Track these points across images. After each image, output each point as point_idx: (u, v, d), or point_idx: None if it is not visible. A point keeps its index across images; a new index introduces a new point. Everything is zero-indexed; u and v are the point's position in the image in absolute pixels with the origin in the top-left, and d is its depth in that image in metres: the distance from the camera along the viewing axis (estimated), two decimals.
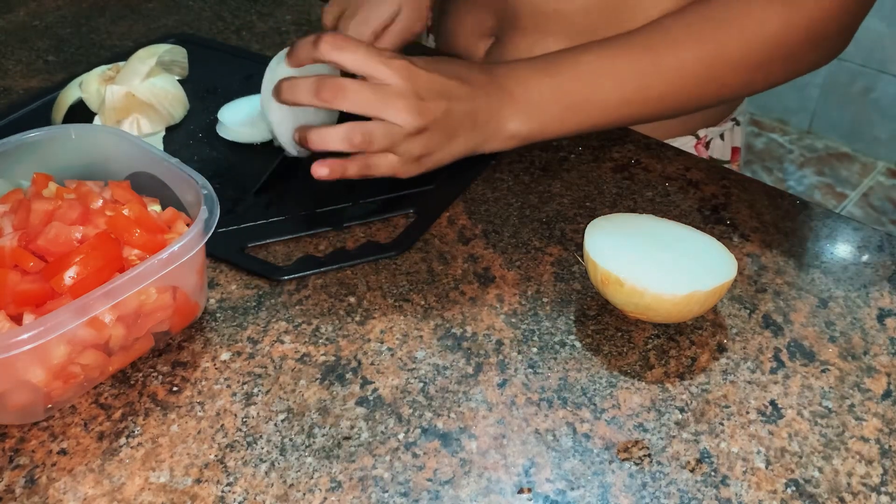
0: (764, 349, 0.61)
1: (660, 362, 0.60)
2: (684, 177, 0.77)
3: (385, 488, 0.52)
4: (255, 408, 0.57)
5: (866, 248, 0.70)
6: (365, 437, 0.55)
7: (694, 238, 0.65)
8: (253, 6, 1.06)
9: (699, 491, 0.52)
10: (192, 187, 0.60)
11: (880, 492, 0.53)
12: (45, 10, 1.05)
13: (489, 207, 0.74)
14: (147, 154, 0.64)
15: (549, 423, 0.56)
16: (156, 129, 0.82)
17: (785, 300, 0.65)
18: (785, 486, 0.53)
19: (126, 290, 0.53)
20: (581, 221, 0.72)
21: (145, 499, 0.51)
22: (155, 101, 0.82)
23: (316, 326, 0.62)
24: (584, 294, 0.65)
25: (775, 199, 0.75)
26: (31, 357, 0.51)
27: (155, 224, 0.59)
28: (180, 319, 0.60)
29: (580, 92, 0.72)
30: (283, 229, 0.71)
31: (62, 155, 0.65)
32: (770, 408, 0.57)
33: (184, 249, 0.55)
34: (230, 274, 0.67)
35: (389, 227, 0.71)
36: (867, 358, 0.61)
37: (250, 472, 0.53)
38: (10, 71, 0.93)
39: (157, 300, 0.56)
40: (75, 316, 0.51)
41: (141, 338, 0.58)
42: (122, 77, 0.83)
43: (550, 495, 0.52)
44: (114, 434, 0.55)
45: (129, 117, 0.81)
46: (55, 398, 0.55)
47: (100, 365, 0.56)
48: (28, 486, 0.52)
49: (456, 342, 0.61)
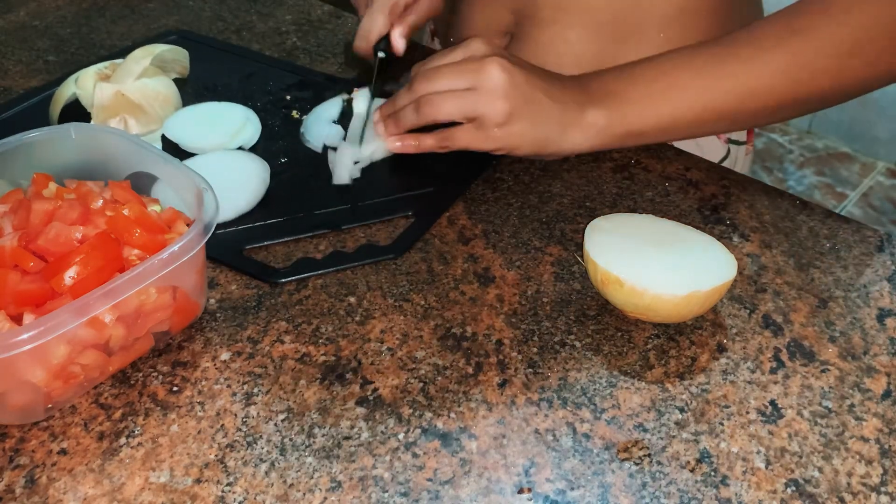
0: (764, 349, 0.61)
1: (660, 362, 0.60)
2: (684, 177, 0.77)
3: (385, 488, 0.52)
4: (256, 408, 0.57)
5: (866, 248, 0.70)
6: (365, 437, 0.55)
7: (694, 238, 0.65)
8: (253, 6, 1.06)
9: (699, 491, 0.52)
10: (192, 187, 0.60)
11: (880, 492, 0.53)
12: (45, 10, 1.05)
13: (489, 207, 0.74)
14: (147, 154, 0.64)
15: (549, 423, 0.56)
16: (144, 130, 0.81)
17: (785, 300, 0.65)
18: (785, 486, 0.53)
19: (126, 289, 0.53)
20: (581, 221, 0.72)
21: (145, 499, 0.51)
22: (145, 102, 0.81)
23: (316, 326, 0.62)
24: (584, 294, 0.65)
25: (775, 199, 0.75)
26: (31, 357, 0.52)
27: (155, 224, 0.59)
28: (180, 319, 0.60)
29: (659, 80, 0.70)
30: (282, 231, 0.71)
31: (62, 155, 0.65)
32: (770, 408, 0.57)
33: (184, 249, 0.55)
34: (230, 274, 0.67)
35: (389, 229, 0.71)
36: (867, 358, 0.61)
37: (250, 472, 0.53)
38: (10, 71, 0.93)
39: (157, 300, 0.56)
40: (75, 316, 0.51)
41: (141, 338, 0.58)
42: (116, 76, 0.83)
43: (550, 495, 0.52)
44: (114, 434, 0.55)
45: (117, 117, 0.80)
46: (55, 398, 0.55)
47: (100, 365, 0.56)
48: (28, 486, 0.52)
49: (456, 342, 0.61)
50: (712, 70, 0.69)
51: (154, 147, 0.64)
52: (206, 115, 0.82)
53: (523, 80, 0.69)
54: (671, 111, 0.70)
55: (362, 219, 0.72)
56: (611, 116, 0.70)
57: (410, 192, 0.74)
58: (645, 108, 0.70)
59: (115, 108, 0.80)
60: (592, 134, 0.70)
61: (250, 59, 0.93)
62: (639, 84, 0.70)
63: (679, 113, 0.70)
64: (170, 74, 0.88)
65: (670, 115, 0.70)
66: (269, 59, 0.94)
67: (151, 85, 0.82)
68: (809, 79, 0.68)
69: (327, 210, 0.73)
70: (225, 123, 0.80)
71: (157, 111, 0.82)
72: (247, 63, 0.92)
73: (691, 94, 0.70)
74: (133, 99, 0.80)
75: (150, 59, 0.84)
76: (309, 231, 0.71)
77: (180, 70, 0.90)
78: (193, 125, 0.81)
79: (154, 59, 0.85)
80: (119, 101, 0.80)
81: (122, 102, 0.80)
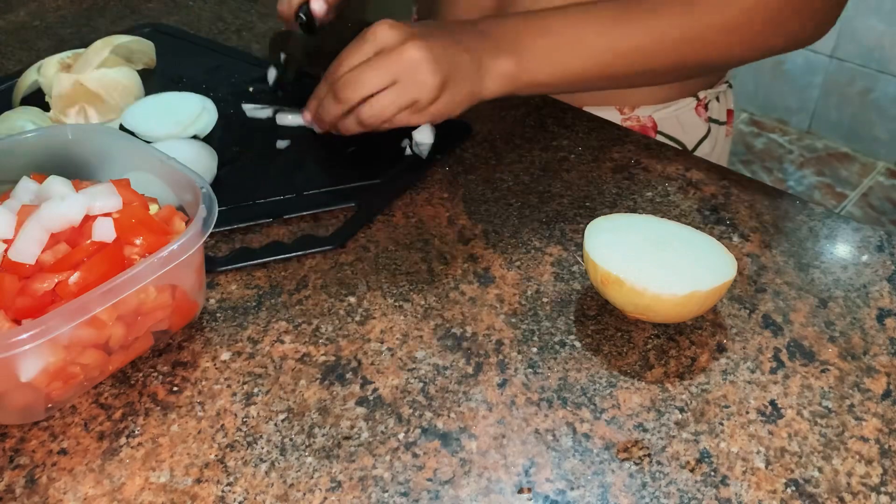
0: (764, 349, 0.61)
1: (659, 362, 0.60)
2: (684, 177, 0.77)
3: (385, 488, 0.52)
4: (256, 408, 0.57)
5: (866, 248, 0.70)
6: (365, 437, 0.55)
7: (694, 238, 0.65)
8: (253, 6, 1.06)
9: (699, 491, 0.52)
10: (190, 186, 0.60)
11: (880, 492, 0.53)
12: (45, 10, 1.05)
13: (489, 207, 0.74)
14: (144, 153, 0.64)
15: (549, 423, 0.56)
16: (103, 119, 0.81)
17: (785, 300, 0.65)
18: (785, 486, 0.53)
19: (125, 289, 0.53)
20: (581, 221, 0.72)
21: (145, 499, 0.51)
22: (104, 91, 0.81)
23: (316, 326, 0.63)
24: (584, 294, 0.65)
25: (775, 199, 0.75)
26: (31, 357, 0.51)
27: (157, 225, 0.59)
28: (180, 318, 0.60)
29: (564, 32, 0.74)
30: (224, 219, 0.70)
31: (59, 155, 0.65)
32: (770, 408, 0.57)
33: (182, 248, 0.55)
34: (230, 274, 0.67)
35: (330, 220, 0.71)
36: (867, 358, 0.61)
37: (250, 472, 0.53)
38: (11, 71, 0.93)
39: (156, 299, 0.56)
40: (74, 316, 0.51)
41: (140, 337, 0.58)
42: (77, 65, 0.83)
43: (550, 495, 0.52)
44: (114, 434, 0.55)
45: (76, 106, 0.80)
46: (55, 398, 0.55)
47: (100, 364, 0.56)
48: (28, 486, 0.52)
49: (456, 342, 0.61)
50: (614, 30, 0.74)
51: (152, 147, 0.64)
52: (164, 105, 0.82)
53: (441, 50, 0.70)
54: (578, 64, 0.74)
55: (305, 208, 0.72)
56: (521, 66, 0.73)
57: (356, 182, 0.75)
58: (552, 61, 0.74)
59: (74, 97, 0.80)
60: (503, 81, 0.73)
61: (219, 53, 0.94)
62: (546, 36, 0.74)
63: (584, 66, 0.75)
64: (136, 65, 0.89)
65: (577, 69, 0.75)
66: (237, 52, 0.95)
67: (111, 75, 0.82)
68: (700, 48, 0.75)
69: (272, 199, 0.73)
70: (181, 113, 0.81)
71: (116, 101, 0.82)
72: (215, 56, 0.94)
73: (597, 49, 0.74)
74: (92, 88, 0.81)
75: (110, 49, 0.84)
76: (252, 220, 0.71)
77: (147, 61, 0.91)
78: (151, 114, 0.81)
79: (118, 49, 0.85)
80: (78, 91, 0.80)
81: (80, 91, 0.80)
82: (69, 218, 0.56)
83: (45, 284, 0.54)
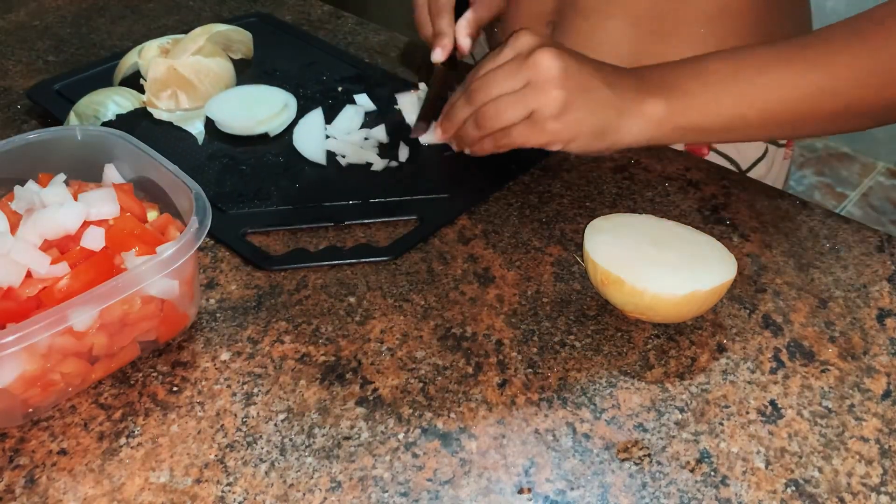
0: (764, 349, 0.61)
1: (659, 362, 0.60)
2: (684, 177, 0.77)
3: (385, 488, 0.52)
4: (255, 408, 0.57)
5: (866, 248, 0.70)
6: (365, 437, 0.55)
7: (694, 238, 0.65)
8: (253, 6, 1.06)
9: (699, 491, 0.52)
10: (186, 194, 0.60)
11: (880, 492, 0.53)
12: (45, 10, 1.05)
13: (489, 207, 0.74)
14: (148, 158, 0.64)
15: (549, 423, 0.56)
16: (193, 105, 0.83)
17: (785, 300, 0.65)
18: (785, 486, 0.53)
19: (106, 299, 0.52)
20: (581, 221, 0.72)
21: (145, 499, 0.51)
22: (195, 78, 0.83)
23: (316, 326, 0.62)
24: (584, 294, 0.65)
25: (775, 199, 0.75)
26: (7, 363, 0.51)
27: (151, 235, 0.58)
28: (167, 329, 0.60)
29: (722, 74, 0.67)
30: (286, 219, 0.71)
31: (67, 155, 0.65)
32: (770, 408, 0.57)
33: (169, 260, 0.54)
34: (230, 274, 0.67)
35: (389, 230, 0.71)
36: (867, 358, 0.61)
37: (250, 472, 0.53)
38: (11, 71, 0.93)
39: (142, 310, 0.56)
40: (53, 324, 0.50)
41: (126, 346, 0.57)
42: (174, 51, 0.85)
43: (550, 495, 0.52)
44: (114, 434, 0.55)
45: (168, 90, 0.83)
46: (34, 404, 0.54)
47: (81, 373, 0.55)
48: (28, 486, 0.52)
49: (456, 342, 0.61)
50: (779, 68, 0.66)
51: (155, 152, 0.64)
52: (247, 98, 0.83)
53: (577, 68, 0.67)
54: (734, 107, 0.67)
55: (367, 216, 0.72)
56: (671, 108, 0.67)
57: (422, 195, 0.74)
58: (707, 101, 0.67)
59: (168, 81, 0.83)
60: (651, 125, 0.67)
61: (317, 48, 0.95)
62: (700, 77, 0.68)
63: (741, 110, 0.67)
64: (234, 54, 0.91)
65: (732, 112, 0.67)
66: (335, 50, 0.95)
67: (205, 62, 0.85)
68: (879, 86, 0.64)
69: (335, 203, 0.73)
70: (260, 108, 0.82)
71: (207, 88, 0.84)
72: (312, 52, 0.94)
73: (756, 90, 0.66)
74: (185, 74, 0.83)
75: (207, 36, 0.86)
76: (311, 222, 0.71)
77: (245, 51, 0.92)
78: (232, 106, 0.82)
79: (216, 37, 0.87)
80: (171, 75, 0.83)
81: (173, 76, 0.83)
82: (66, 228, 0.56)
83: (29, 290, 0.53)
